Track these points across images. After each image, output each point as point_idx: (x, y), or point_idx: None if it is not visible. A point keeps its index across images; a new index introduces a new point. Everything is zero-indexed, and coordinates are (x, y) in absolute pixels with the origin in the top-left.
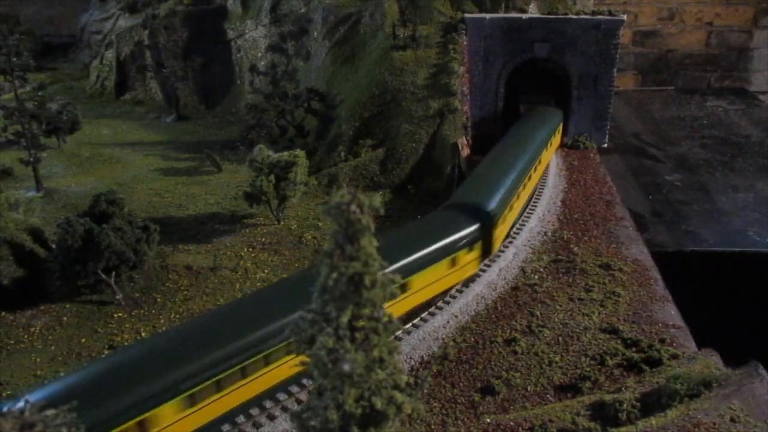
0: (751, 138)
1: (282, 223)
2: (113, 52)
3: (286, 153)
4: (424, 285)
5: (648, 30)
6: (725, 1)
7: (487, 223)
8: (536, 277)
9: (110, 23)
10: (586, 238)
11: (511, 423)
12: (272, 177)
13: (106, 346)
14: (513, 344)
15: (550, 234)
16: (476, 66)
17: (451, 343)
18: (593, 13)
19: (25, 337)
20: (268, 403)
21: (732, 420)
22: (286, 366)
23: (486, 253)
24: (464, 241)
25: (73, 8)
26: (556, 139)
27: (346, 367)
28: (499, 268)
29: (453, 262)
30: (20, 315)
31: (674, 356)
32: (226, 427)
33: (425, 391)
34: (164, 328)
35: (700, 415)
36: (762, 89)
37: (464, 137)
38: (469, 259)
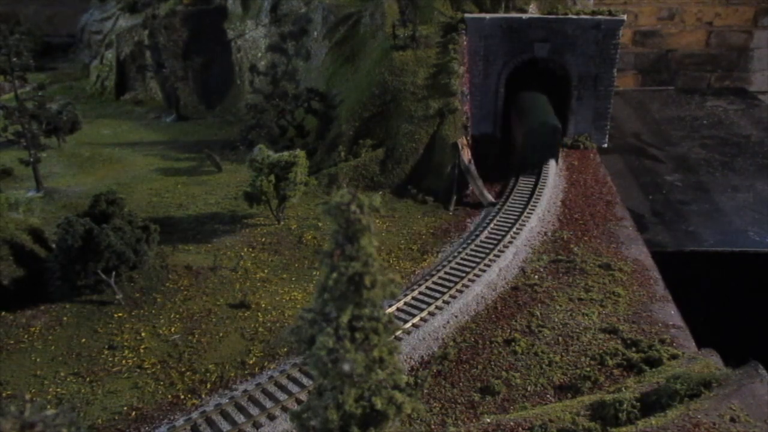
0: (751, 138)
1: (282, 223)
2: (113, 52)
3: (286, 153)
4: None
5: (648, 30)
6: (725, 1)
7: None
8: (536, 277)
9: (110, 23)
10: (586, 238)
11: (511, 423)
12: (272, 177)
13: (106, 346)
14: (513, 344)
15: (550, 234)
16: (476, 66)
17: (451, 343)
18: (593, 13)
19: (25, 337)
20: (268, 403)
21: (732, 420)
22: None
23: None
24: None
25: (73, 8)
26: None
27: (346, 367)
28: (499, 268)
29: None
30: (20, 315)
31: (674, 356)
32: (226, 426)
33: (425, 391)
34: (164, 328)
35: (700, 415)
36: (762, 89)
37: (464, 137)
38: None
